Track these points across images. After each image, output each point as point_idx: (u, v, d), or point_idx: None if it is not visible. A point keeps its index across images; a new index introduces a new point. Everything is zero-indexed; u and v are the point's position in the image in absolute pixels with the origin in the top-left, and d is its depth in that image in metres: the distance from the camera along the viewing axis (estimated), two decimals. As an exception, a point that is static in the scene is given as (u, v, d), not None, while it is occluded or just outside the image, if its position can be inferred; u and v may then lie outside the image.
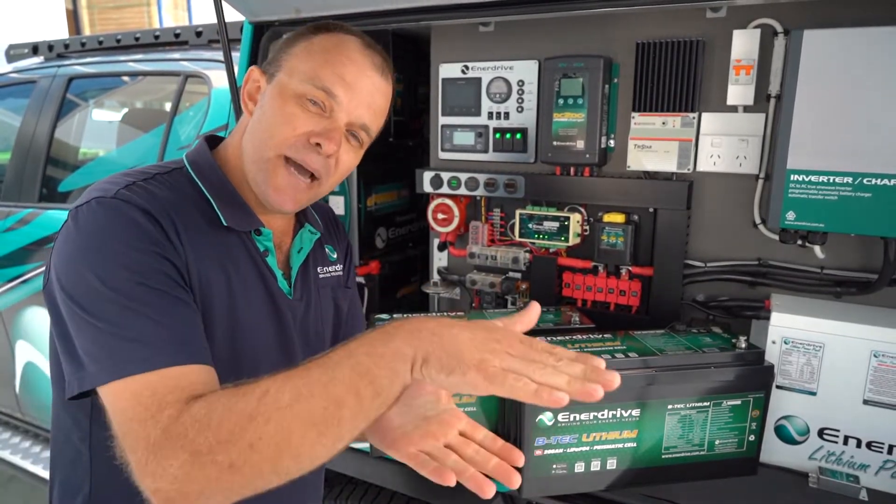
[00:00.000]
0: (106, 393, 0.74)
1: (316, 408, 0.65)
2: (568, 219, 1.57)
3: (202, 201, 0.93)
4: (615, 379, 0.66)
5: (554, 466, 1.19)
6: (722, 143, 1.43)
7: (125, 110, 2.95)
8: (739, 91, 1.38)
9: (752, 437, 1.24)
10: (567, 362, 0.68)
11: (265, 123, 0.93)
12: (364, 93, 0.94)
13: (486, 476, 0.74)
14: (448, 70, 1.72)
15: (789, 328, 1.27)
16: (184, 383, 0.72)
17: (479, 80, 1.68)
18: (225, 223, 0.93)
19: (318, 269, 1.09)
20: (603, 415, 1.18)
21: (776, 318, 1.28)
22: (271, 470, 0.65)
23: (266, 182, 0.93)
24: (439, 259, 1.86)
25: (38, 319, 2.77)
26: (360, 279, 1.90)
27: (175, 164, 0.97)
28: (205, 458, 0.64)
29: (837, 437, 1.26)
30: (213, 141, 1.04)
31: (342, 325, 1.17)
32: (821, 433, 1.28)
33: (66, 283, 0.79)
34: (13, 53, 3.23)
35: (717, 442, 1.23)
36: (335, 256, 1.14)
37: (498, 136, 1.68)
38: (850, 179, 1.21)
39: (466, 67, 1.69)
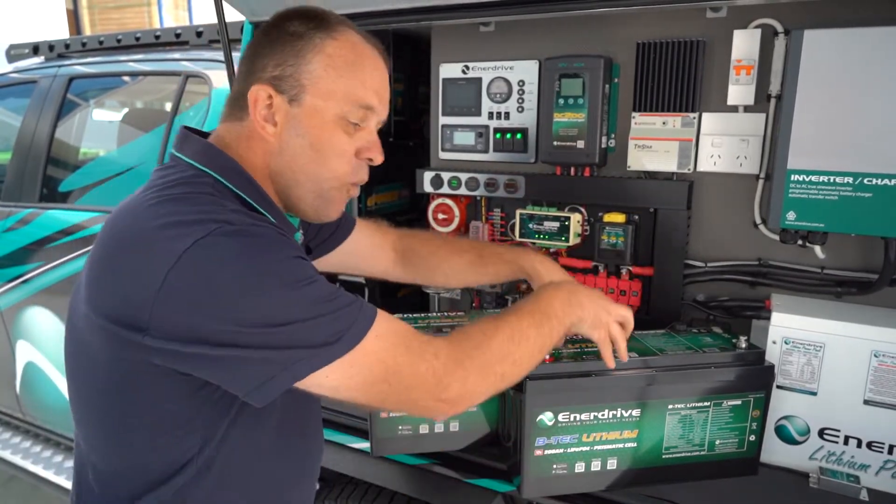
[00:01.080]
0: (349, 358, 0.82)
1: (543, 342, 1.01)
2: (568, 219, 1.57)
3: (256, 213, 0.91)
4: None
5: (554, 466, 1.19)
6: (722, 143, 1.43)
7: (126, 110, 2.96)
8: (740, 91, 1.38)
9: (752, 437, 1.24)
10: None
11: (315, 156, 0.93)
12: (386, 94, 0.99)
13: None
14: (448, 70, 1.72)
15: (790, 328, 1.27)
16: (404, 323, 0.91)
17: (479, 80, 1.68)
18: (285, 235, 0.94)
19: None
20: (603, 415, 1.18)
21: (776, 318, 1.28)
22: (517, 377, 0.99)
23: (328, 206, 0.99)
24: (440, 259, 1.86)
25: (38, 320, 2.77)
26: (361, 279, 1.90)
27: (204, 180, 0.89)
28: (488, 371, 0.93)
29: (838, 437, 1.26)
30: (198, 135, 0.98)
31: (326, 230, 1.30)
32: (821, 433, 1.27)
33: (251, 313, 0.77)
34: (14, 53, 3.23)
35: (717, 442, 1.23)
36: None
37: (498, 136, 1.68)
38: (850, 179, 1.21)
39: (467, 67, 1.69)
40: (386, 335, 0.86)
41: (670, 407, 1.20)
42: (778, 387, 1.28)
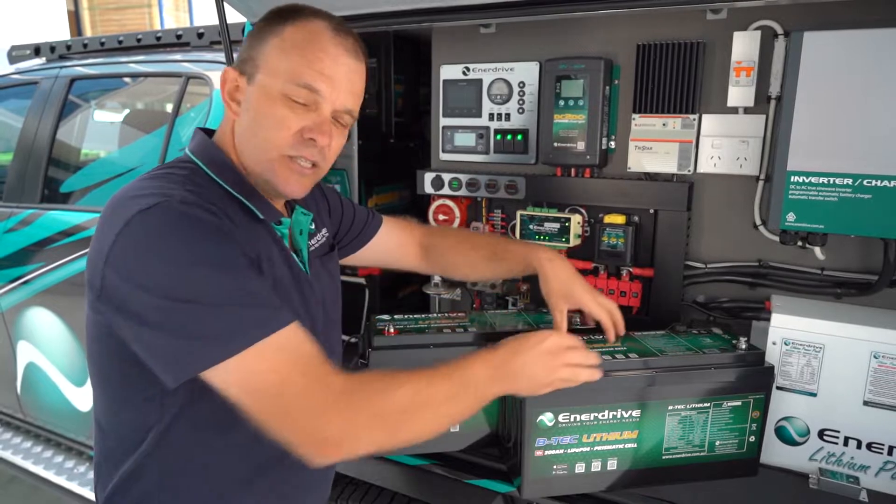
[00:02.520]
0: (243, 359, 0.82)
1: (450, 410, 0.95)
2: (569, 220, 1.58)
3: (230, 199, 0.99)
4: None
5: (554, 467, 1.19)
6: (722, 144, 1.43)
7: (127, 111, 2.96)
8: (740, 92, 1.38)
9: (752, 438, 1.24)
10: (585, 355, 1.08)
11: (259, 127, 0.98)
12: (343, 80, 0.99)
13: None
14: (449, 71, 1.72)
15: (789, 329, 1.27)
16: (316, 348, 0.88)
17: (479, 81, 1.68)
18: (261, 216, 1.00)
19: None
20: (603, 415, 1.18)
21: (776, 319, 1.28)
22: (412, 438, 0.91)
23: (275, 179, 0.99)
24: (440, 260, 1.86)
25: (39, 320, 2.77)
26: (362, 280, 1.90)
27: (187, 165, 1.00)
28: (377, 420, 0.87)
29: (837, 438, 1.26)
30: (208, 135, 1.08)
31: (353, 230, 1.36)
32: (821, 434, 1.28)
33: (160, 283, 0.81)
34: (15, 54, 3.23)
35: (717, 443, 1.23)
36: (313, 227, 1.19)
37: (499, 137, 1.68)
38: (850, 181, 1.21)
39: (467, 69, 1.70)
40: (288, 349, 0.85)
41: (670, 408, 1.20)
42: (778, 388, 1.28)
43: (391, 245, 1.44)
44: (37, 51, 3.13)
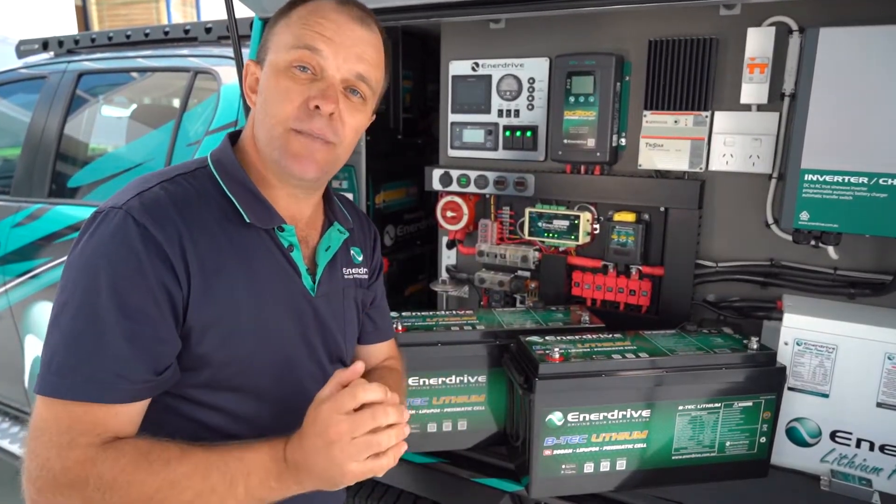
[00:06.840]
0: (37, 400, 0.82)
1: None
2: (578, 217, 1.56)
3: (223, 200, 0.95)
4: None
5: (563, 467, 1.18)
6: (735, 142, 1.42)
7: (134, 106, 2.96)
8: (753, 89, 1.36)
9: (763, 439, 1.23)
10: (385, 426, 0.82)
11: (267, 104, 0.95)
12: (348, 44, 0.95)
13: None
14: (458, 67, 1.71)
15: (802, 329, 1.26)
16: (100, 428, 0.81)
17: (489, 77, 1.67)
18: (248, 220, 0.94)
19: (344, 270, 1.10)
20: (613, 415, 1.17)
21: (788, 319, 1.27)
22: None
23: (283, 155, 0.94)
24: (448, 257, 1.86)
25: (47, 315, 2.78)
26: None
27: (200, 164, 0.99)
28: None
29: (850, 439, 1.25)
30: (236, 136, 1.06)
31: (366, 321, 1.20)
32: (833, 436, 1.26)
33: (60, 283, 0.85)
34: (24, 49, 3.24)
35: (727, 443, 1.22)
36: (360, 259, 1.15)
37: (508, 133, 1.67)
38: (865, 179, 1.19)
39: (476, 65, 1.68)
40: (57, 409, 0.80)
41: (680, 408, 1.19)
42: (789, 388, 1.27)
43: (367, 357, 1.22)
44: (45, 45, 3.14)
